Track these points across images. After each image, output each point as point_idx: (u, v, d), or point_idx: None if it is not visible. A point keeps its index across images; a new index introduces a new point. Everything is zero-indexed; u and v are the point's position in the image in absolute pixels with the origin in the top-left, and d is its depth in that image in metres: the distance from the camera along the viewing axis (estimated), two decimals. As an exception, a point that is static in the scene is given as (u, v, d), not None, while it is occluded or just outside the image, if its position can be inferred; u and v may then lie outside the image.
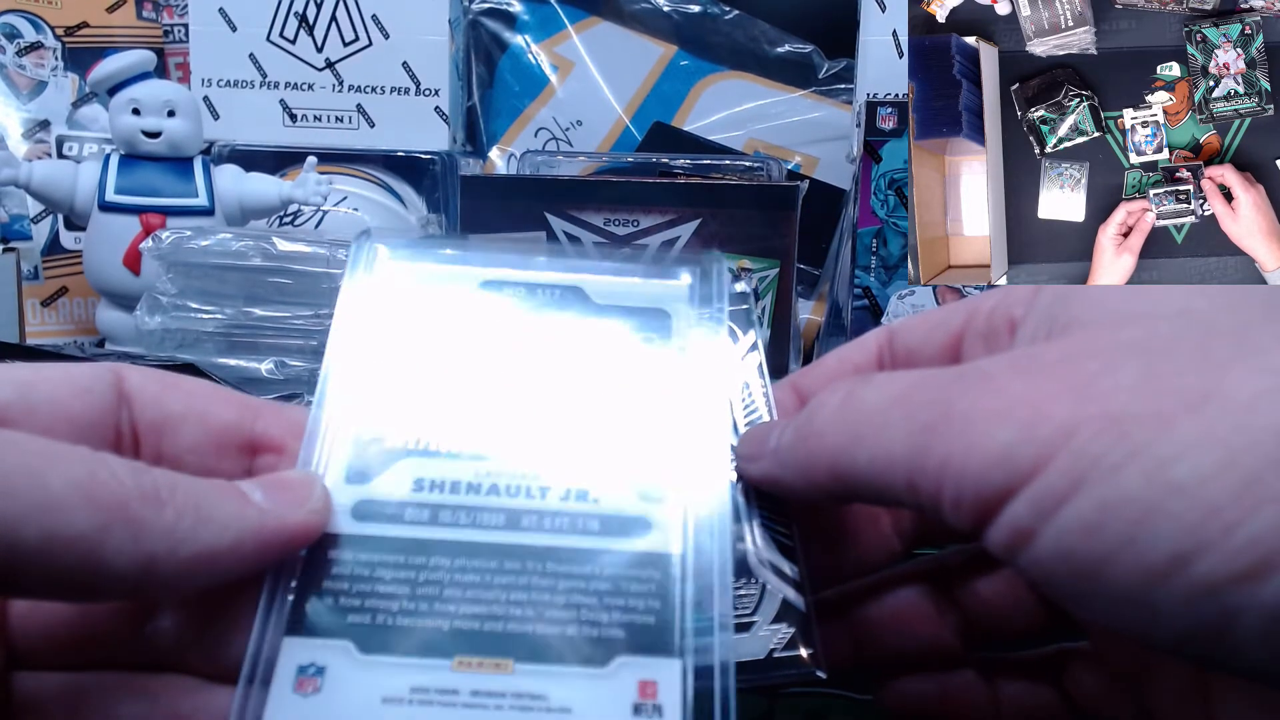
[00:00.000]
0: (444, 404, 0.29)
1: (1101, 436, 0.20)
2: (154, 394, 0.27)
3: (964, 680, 0.33)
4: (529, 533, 0.26)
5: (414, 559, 0.25)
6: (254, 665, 0.24)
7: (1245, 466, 0.19)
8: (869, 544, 0.32)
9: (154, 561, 0.22)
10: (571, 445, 0.28)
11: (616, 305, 0.31)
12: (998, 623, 0.32)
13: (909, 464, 0.23)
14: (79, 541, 0.21)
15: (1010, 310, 0.27)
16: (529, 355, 0.30)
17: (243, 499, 0.24)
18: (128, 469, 0.22)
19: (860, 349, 0.33)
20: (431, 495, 0.27)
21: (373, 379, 0.29)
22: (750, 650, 0.29)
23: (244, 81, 0.79)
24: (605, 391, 0.29)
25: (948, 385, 0.23)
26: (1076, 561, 0.20)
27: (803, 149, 0.86)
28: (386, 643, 0.24)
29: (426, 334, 0.30)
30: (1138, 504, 0.19)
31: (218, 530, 0.23)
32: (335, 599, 0.25)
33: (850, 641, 0.33)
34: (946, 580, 0.33)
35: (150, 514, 0.22)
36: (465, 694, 0.24)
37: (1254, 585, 0.18)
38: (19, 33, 0.80)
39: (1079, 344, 0.23)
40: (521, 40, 0.88)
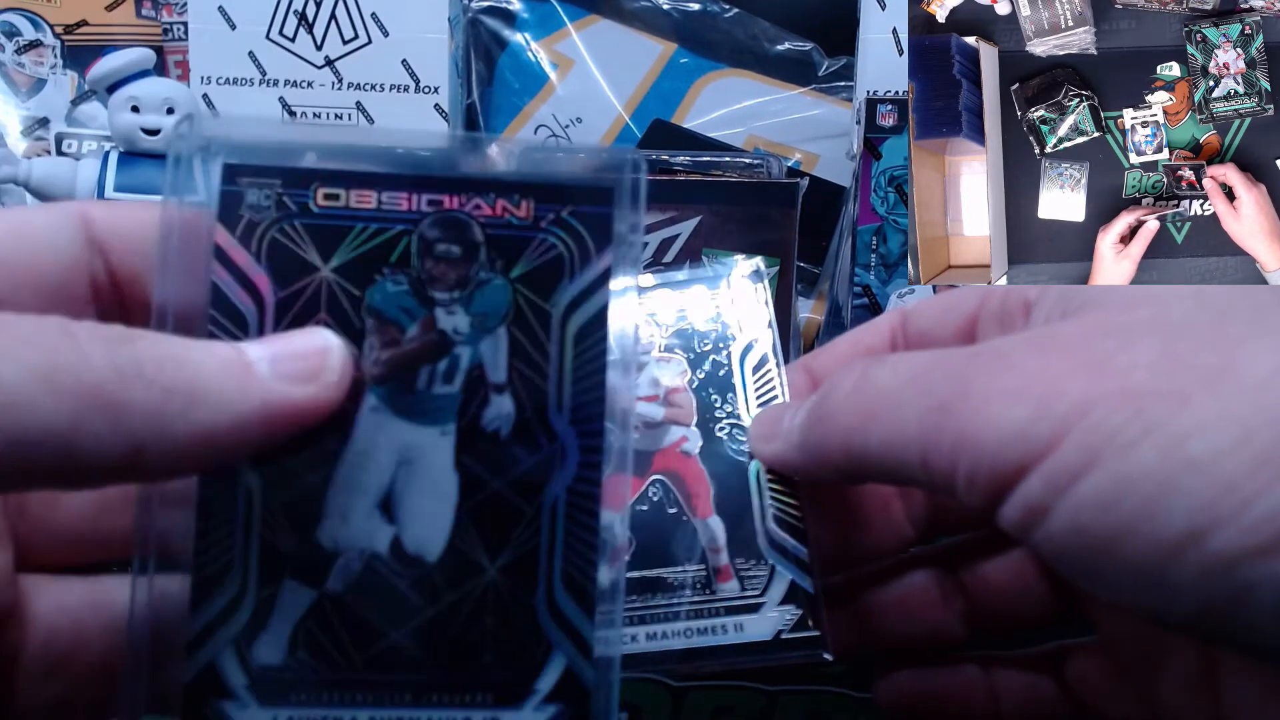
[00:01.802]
0: None
1: (1117, 412, 0.20)
2: (131, 236, 0.25)
3: (962, 674, 0.33)
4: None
5: None
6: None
7: (1261, 442, 0.19)
8: (881, 529, 0.32)
9: (141, 447, 0.20)
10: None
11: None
12: (1004, 611, 0.32)
13: (923, 442, 0.23)
14: (49, 436, 0.19)
15: (1025, 293, 0.27)
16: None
17: (245, 371, 0.22)
18: (101, 343, 0.20)
19: (873, 331, 0.33)
20: None
21: None
22: (758, 631, 0.30)
23: (243, 79, 0.79)
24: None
25: (963, 364, 0.23)
26: (1091, 537, 0.20)
27: (802, 146, 0.85)
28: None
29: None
30: (1153, 479, 0.19)
31: (214, 409, 0.21)
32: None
33: (856, 626, 0.33)
34: (953, 567, 0.33)
35: (131, 395, 0.20)
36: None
37: (1269, 560, 0.18)
38: (18, 30, 0.80)
39: (1095, 323, 0.23)
40: (521, 38, 0.87)
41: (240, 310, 0.24)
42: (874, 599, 0.33)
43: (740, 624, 0.30)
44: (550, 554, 0.25)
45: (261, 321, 0.24)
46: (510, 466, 0.25)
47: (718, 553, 0.31)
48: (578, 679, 0.25)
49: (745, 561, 0.30)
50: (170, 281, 0.24)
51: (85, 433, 0.19)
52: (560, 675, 0.25)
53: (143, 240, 0.25)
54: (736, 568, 0.30)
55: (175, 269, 0.24)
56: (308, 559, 0.24)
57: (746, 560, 0.30)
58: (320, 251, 0.25)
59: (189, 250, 0.24)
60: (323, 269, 0.25)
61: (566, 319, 0.26)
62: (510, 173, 0.27)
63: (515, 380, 0.26)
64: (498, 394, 0.26)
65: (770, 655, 0.29)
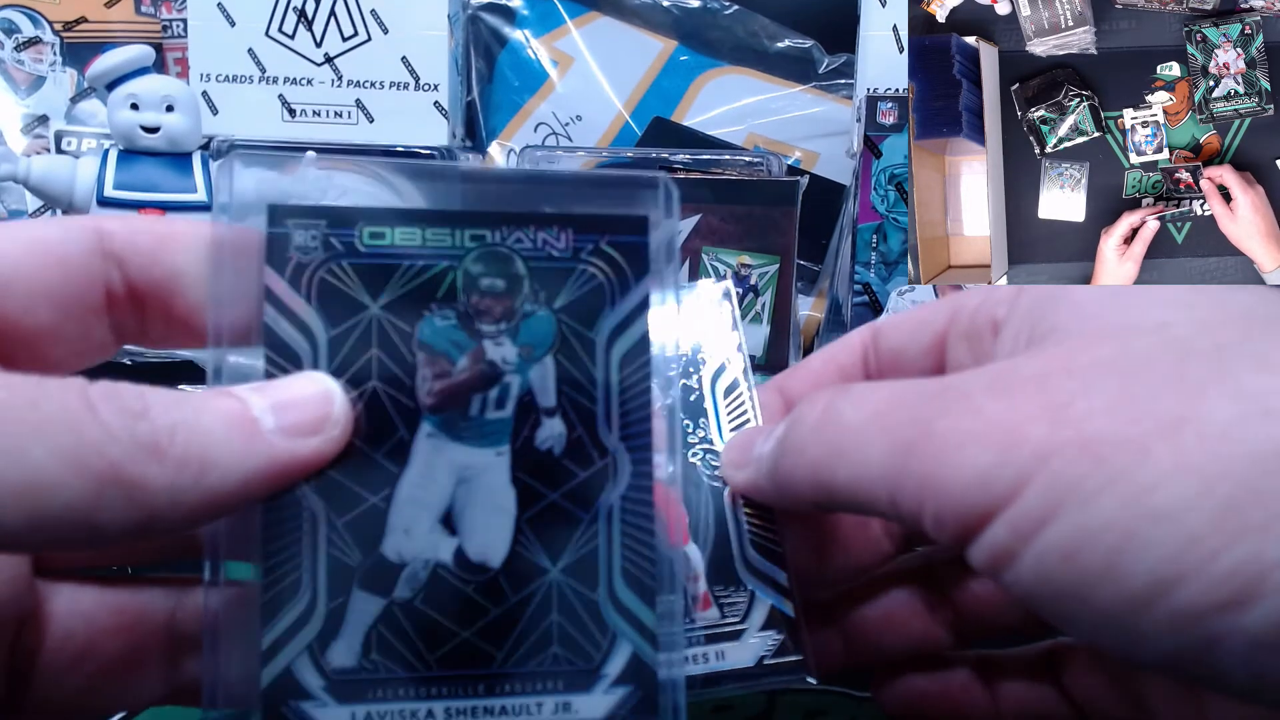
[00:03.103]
0: None
1: (1078, 462, 0.20)
2: (148, 249, 0.25)
3: (963, 680, 0.33)
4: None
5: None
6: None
7: (1223, 494, 0.19)
8: (859, 547, 0.32)
9: (153, 518, 0.21)
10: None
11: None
12: (991, 618, 0.32)
13: (889, 482, 0.23)
14: (70, 513, 0.19)
15: (993, 311, 0.27)
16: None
17: (250, 430, 0.23)
18: (118, 415, 0.20)
19: (845, 349, 0.33)
20: None
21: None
22: (740, 658, 0.29)
23: (243, 76, 0.79)
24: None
25: (926, 403, 0.23)
26: (1057, 585, 0.21)
27: (803, 144, 0.85)
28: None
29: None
30: (1115, 531, 0.20)
31: (223, 474, 0.22)
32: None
33: (842, 643, 0.33)
34: (938, 577, 0.33)
35: (147, 472, 0.20)
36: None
37: (1235, 613, 0.18)
38: (17, 28, 0.80)
39: (1056, 359, 0.23)
40: (521, 35, 0.87)
41: (294, 350, 0.25)
42: (859, 615, 0.33)
43: (722, 652, 0.30)
44: (609, 553, 0.26)
45: (315, 359, 0.25)
46: (565, 480, 0.26)
47: (695, 580, 0.30)
48: (644, 662, 0.26)
49: (724, 588, 0.30)
50: (224, 306, 0.25)
51: (104, 509, 0.20)
52: (627, 660, 0.26)
53: (160, 253, 0.26)
54: (715, 595, 0.30)
55: (228, 292, 0.25)
56: (374, 571, 0.25)
57: (725, 587, 0.30)
58: (369, 290, 0.26)
59: (241, 271, 0.25)
60: (372, 306, 0.26)
61: (610, 345, 0.27)
62: (549, 208, 0.27)
63: (565, 403, 0.27)
64: (548, 417, 0.27)
65: (754, 682, 0.29)
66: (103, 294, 0.25)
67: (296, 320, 0.25)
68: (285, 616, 0.25)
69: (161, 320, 0.26)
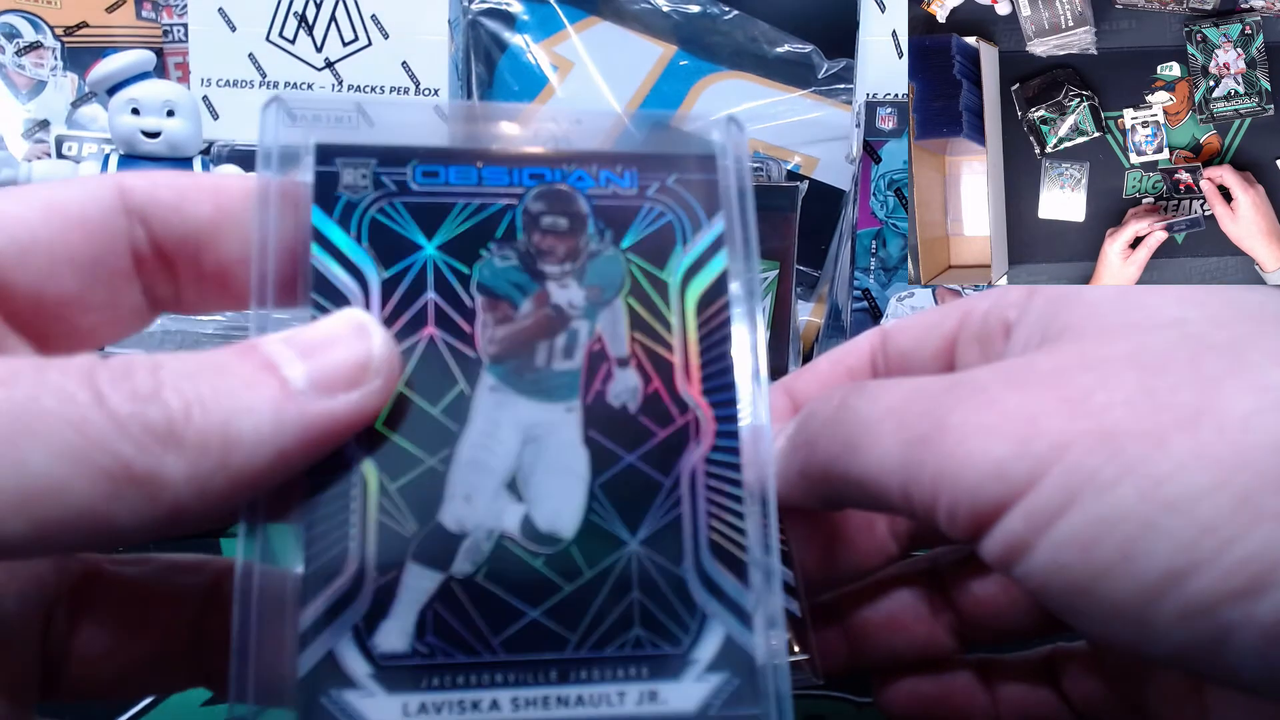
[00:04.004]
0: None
1: (1095, 452, 0.20)
2: (170, 203, 0.24)
3: (963, 682, 0.33)
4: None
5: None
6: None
7: (1239, 484, 0.19)
8: (865, 548, 0.32)
9: (179, 511, 0.19)
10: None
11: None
12: (993, 621, 0.32)
13: (904, 474, 0.23)
14: (82, 516, 0.18)
15: (1004, 313, 0.27)
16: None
17: (279, 394, 0.20)
18: (130, 404, 0.18)
19: (854, 351, 0.33)
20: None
21: None
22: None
23: (243, 81, 0.79)
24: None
25: (941, 396, 0.23)
26: (1071, 576, 0.20)
27: (802, 149, 0.86)
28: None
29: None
30: (1132, 520, 0.19)
31: (249, 454, 0.19)
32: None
33: (846, 644, 0.33)
34: (941, 580, 0.33)
35: (163, 463, 0.18)
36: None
37: (1248, 602, 0.18)
38: (18, 32, 0.80)
39: (1073, 355, 0.23)
40: (521, 40, 0.87)
41: (343, 293, 0.23)
42: (863, 617, 0.33)
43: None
44: (694, 523, 0.24)
45: (366, 303, 0.23)
46: (642, 440, 0.24)
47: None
48: (739, 646, 0.23)
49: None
50: (269, 253, 0.23)
51: (122, 510, 0.18)
52: (720, 644, 0.23)
53: (183, 205, 0.24)
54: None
55: (273, 243, 0.23)
56: (431, 542, 0.23)
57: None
58: (424, 229, 0.24)
59: (286, 214, 0.23)
60: (427, 246, 0.24)
61: (685, 287, 0.25)
62: (609, 148, 0.26)
63: (638, 353, 0.24)
64: (621, 368, 0.24)
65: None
66: (129, 254, 0.24)
67: (346, 262, 0.23)
68: (327, 593, 0.22)
69: (193, 280, 0.25)
